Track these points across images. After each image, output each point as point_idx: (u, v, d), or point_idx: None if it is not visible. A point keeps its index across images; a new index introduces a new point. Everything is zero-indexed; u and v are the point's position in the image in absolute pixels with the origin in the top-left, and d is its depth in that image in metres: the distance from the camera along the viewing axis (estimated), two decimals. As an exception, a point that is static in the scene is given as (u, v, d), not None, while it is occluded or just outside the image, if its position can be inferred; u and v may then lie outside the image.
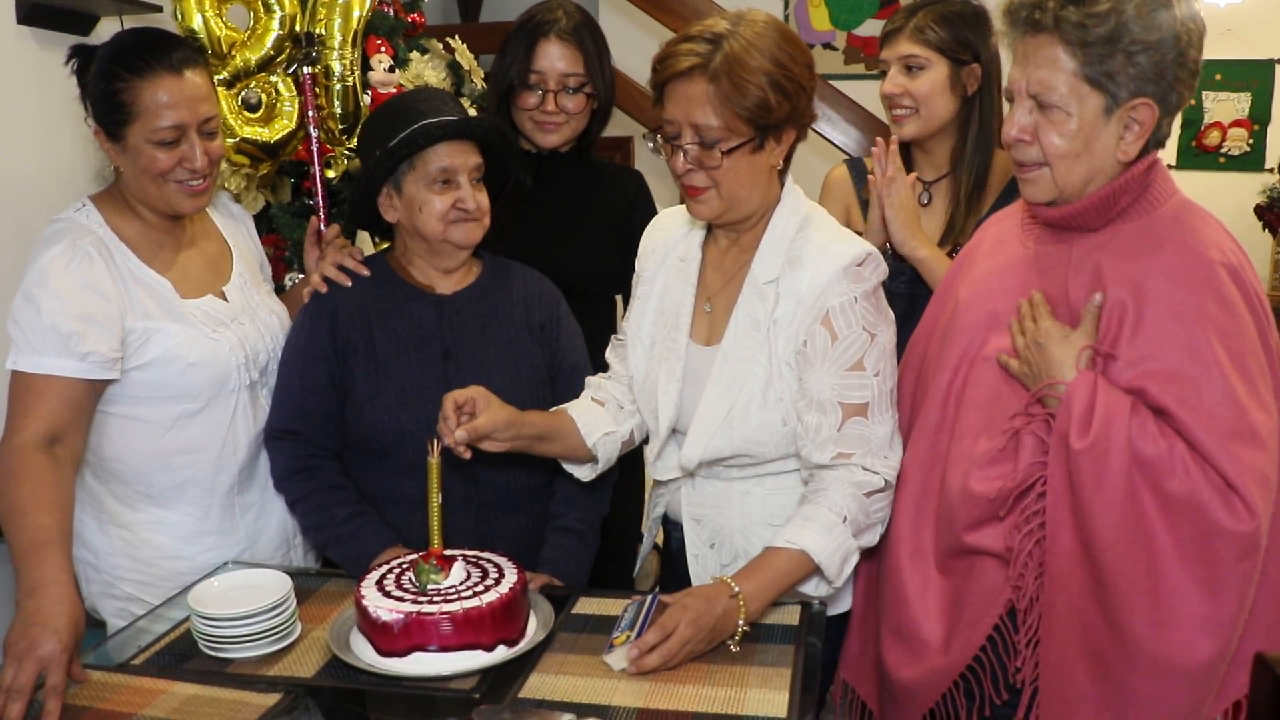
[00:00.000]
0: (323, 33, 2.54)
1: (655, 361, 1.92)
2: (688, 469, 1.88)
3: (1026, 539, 1.64)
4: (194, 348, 1.97)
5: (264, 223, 2.81)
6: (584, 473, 2.01)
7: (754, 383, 1.80)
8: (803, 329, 1.77)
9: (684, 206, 1.89)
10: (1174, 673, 1.55)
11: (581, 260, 2.16)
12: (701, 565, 1.92)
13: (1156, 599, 1.55)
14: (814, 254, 1.78)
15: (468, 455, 1.76)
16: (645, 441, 2.01)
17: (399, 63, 2.81)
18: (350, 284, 2.09)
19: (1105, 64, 1.58)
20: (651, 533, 2.05)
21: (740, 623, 1.67)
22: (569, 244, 2.36)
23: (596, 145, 2.54)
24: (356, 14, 2.57)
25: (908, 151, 2.41)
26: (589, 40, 2.40)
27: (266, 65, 2.52)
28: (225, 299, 2.07)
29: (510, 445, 1.83)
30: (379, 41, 2.78)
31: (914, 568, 1.78)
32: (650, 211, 2.38)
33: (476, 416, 1.77)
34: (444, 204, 1.98)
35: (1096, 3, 1.57)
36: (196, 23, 2.42)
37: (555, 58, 2.36)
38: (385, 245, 2.31)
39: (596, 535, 2.11)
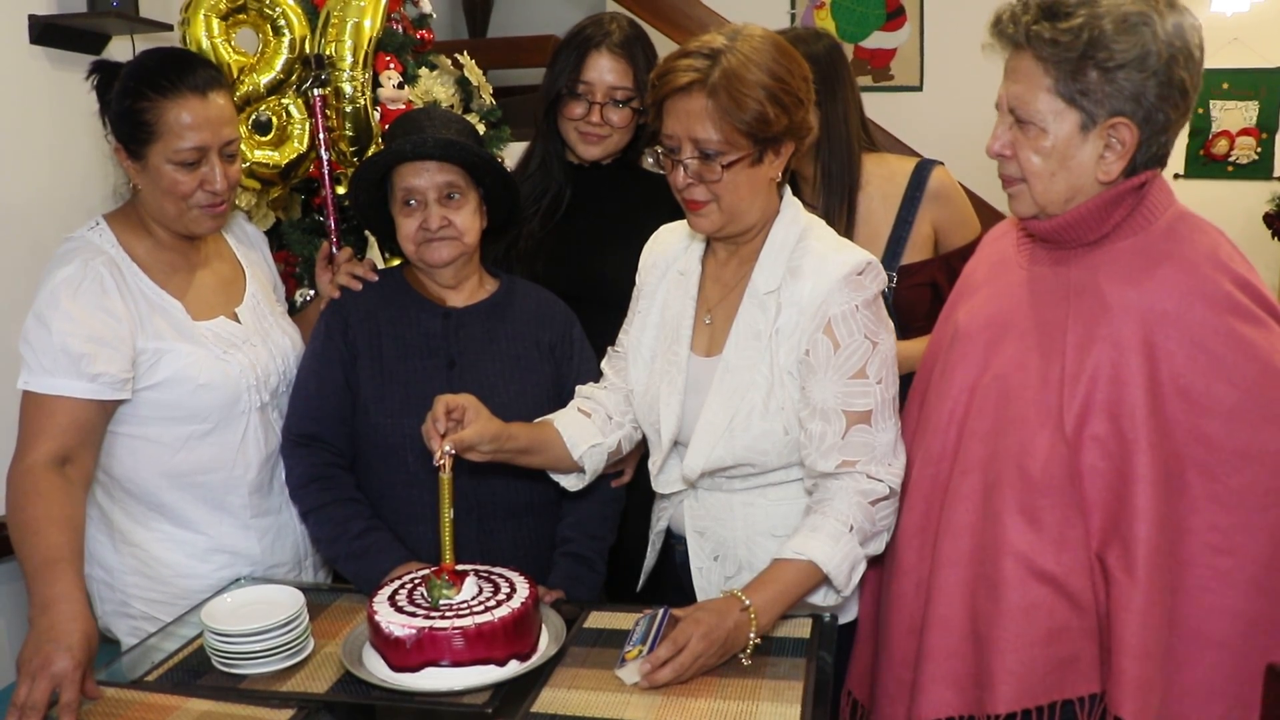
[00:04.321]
0: (332, 54, 2.54)
1: (656, 374, 1.93)
2: (690, 480, 1.89)
3: None
4: (205, 369, 1.97)
5: (274, 239, 2.82)
6: (570, 482, 2.01)
7: (755, 392, 1.80)
8: (805, 338, 1.77)
9: (684, 221, 1.89)
10: None
11: (619, 272, 2.16)
12: (706, 578, 1.92)
13: None
14: (814, 263, 1.79)
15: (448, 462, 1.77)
16: (647, 455, 2.01)
17: (408, 79, 2.82)
18: (361, 288, 2.12)
19: (1079, 81, 1.55)
20: (655, 546, 2.05)
21: (751, 635, 1.67)
22: (607, 255, 2.35)
23: (641, 159, 2.54)
24: (368, 35, 2.57)
25: (794, 180, 2.42)
26: (640, 55, 2.39)
27: (276, 89, 2.52)
28: (238, 321, 2.08)
29: (492, 457, 1.84)
30: (388, 58, 2.79)
31: (919, 599, 1.77)
32: None
33: (464, 424, 1.78)
34: (411, 225, 2.01)
35: (1070, 18, 1.55)
36: (204, 47, 2.41)
37: (604, 70, 2.36)
38: (396, 262, 2.32)
39: (604, 563, 2.11)
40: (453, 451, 1.74)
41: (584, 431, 1.98)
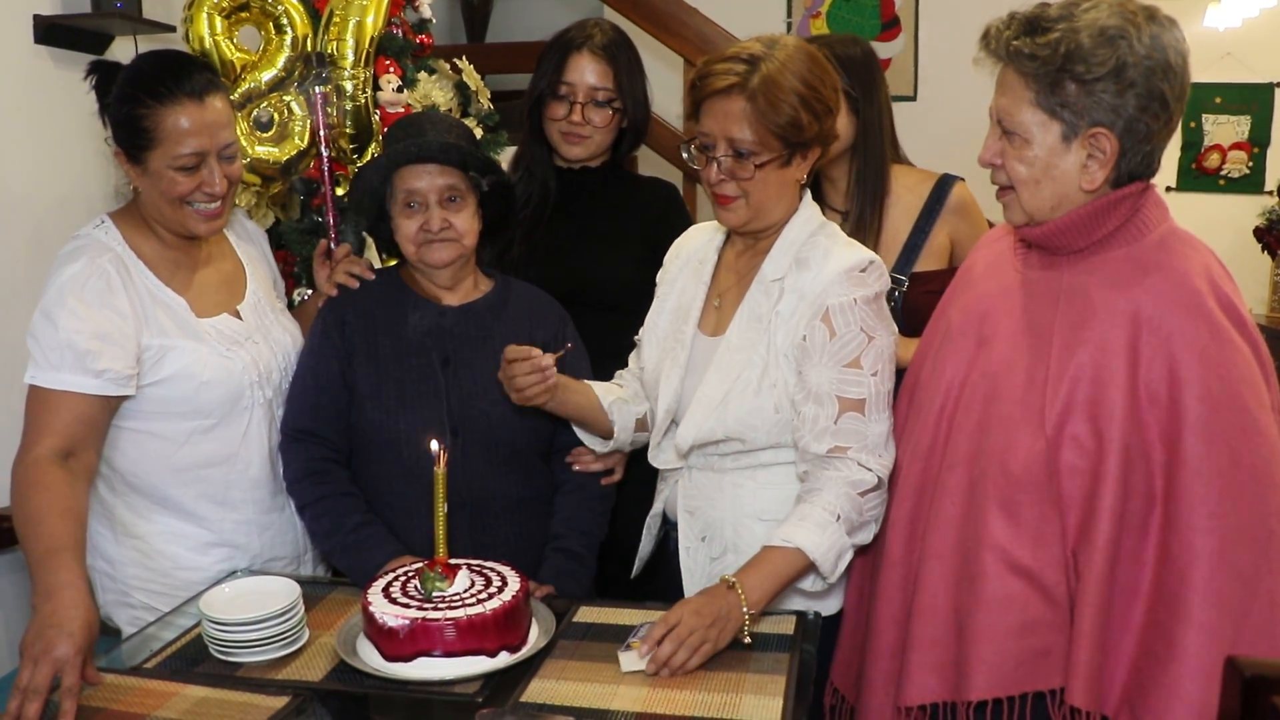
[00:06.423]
0: (334, 52, 2.56)
1: (665, 352, 2.01)
2: (681, 451, 1.95)
3: None
4: (208, 366, 2.00)
5: (273, 239, 2.85)
6: (597, 444, 2.10)
7: (751, 370, 1.87)
8: (803, 323, 1.84)
9: (713, 222, 1.98)
10: None
11: (607, 274, 2.20)
12: (692, 557, 1.98)
13: None
14: (820, 256, 1.87)
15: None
16: (639, 452, 2.07)
17: (407, 83, 2.86)
18: (358, 286, 2.16)
19: (1058, 94, 1.60)
20: (651, 531, 2.10)
21: (744, 610, 1.72)
22: (595, 257, 2.40)
23: (627, 162, 2.58)
24: (369, 32, 2.59)
25: (817, 182, 2.45)
26: (622, 58, 2.44)
27: (278, 86, 2.53)
28: (240, 318, 2.10)
29: (543, 402, 1.95)
30: (388, 62, 2.82)
31: (906, 590, 1.81)
32: (684, 223, 2.36)
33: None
34: (412, 227, 2.05)
35: (1048, 32, 1.59)
36: (206, 44, 2.42)
37: (586, 70, 2.41)
38: (392, 262, 2.36)
39: (595, 558, 2.15)
40: (447, 446, 1.78)
41: (614, 392, 2.08)
